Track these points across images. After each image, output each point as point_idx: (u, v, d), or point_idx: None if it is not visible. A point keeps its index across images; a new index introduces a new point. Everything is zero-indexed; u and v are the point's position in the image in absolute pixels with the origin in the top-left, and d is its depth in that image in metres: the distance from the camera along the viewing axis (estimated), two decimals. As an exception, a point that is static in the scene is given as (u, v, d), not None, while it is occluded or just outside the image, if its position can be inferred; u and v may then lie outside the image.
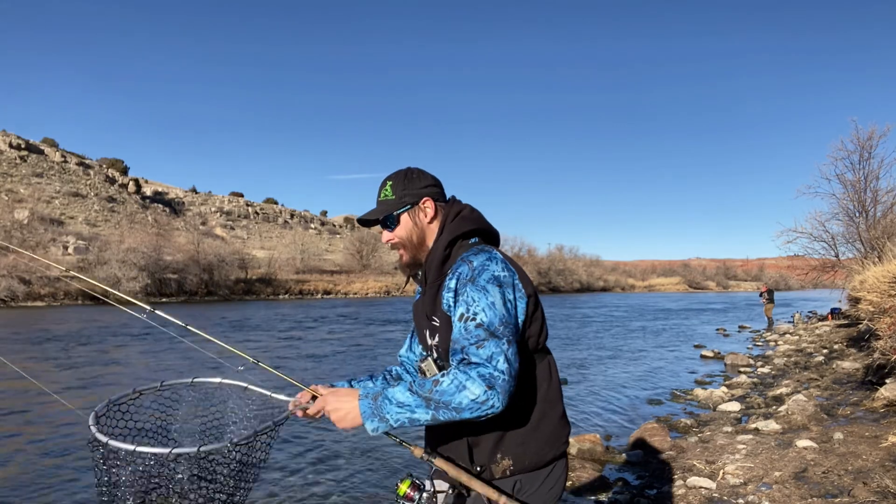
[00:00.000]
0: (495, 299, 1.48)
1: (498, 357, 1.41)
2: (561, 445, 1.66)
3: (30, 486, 4.78)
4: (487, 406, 1.38)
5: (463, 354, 1.43)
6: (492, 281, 1.51)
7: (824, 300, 28.27)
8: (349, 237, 79.84)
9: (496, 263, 1.55)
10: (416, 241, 1.69)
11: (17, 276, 33.05)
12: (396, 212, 1.67)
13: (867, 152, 18.43)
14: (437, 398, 1.39)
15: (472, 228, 1.66)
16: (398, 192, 1.68)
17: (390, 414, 1.43)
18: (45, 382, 9.27)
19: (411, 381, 1.45)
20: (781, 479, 4.16)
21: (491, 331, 1.44)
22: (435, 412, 1.40)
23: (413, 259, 1.70)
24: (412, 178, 1.69)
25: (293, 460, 5.54)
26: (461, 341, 1.45)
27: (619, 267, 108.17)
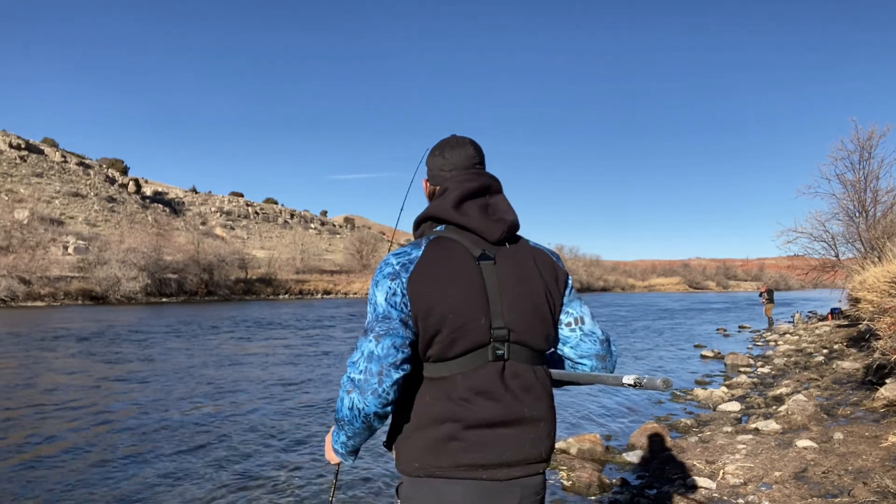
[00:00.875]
0: (378, 294, 1.43)
1: (360, 357, 1.37)
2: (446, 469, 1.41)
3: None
4: (356, 411, 1.38)
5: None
6: (388, 276, 1.44)
7: (824, 300, 28.29)
8: (349, 237, 79.84)
9: (400, 257, 1.47)
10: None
11: (17, 276, 33.04)
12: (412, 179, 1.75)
13: (867, 152, 18.45)
14: (337, 417, 1.45)
15: (430, 215, 1.59)
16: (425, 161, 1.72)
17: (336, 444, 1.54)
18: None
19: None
20: (781, 479, 4.16)
21: (365, 328, 1.42)
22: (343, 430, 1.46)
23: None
24: (429, 153, 1.70)
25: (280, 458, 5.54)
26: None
27: (619, 267, 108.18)
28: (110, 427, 6.69)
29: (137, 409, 7.63)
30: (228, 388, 9.05)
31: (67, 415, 7.23)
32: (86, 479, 4.97)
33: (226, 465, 5.37)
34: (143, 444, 5.99)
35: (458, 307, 1.43)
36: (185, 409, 7.59)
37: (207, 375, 10.21)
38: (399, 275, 1.43)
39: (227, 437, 6.31)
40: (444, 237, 1.53)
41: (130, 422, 6.94)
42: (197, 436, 6.33)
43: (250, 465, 5.36)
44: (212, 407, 7.76)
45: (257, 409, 7.68)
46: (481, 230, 1.53)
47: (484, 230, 1.53)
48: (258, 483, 4.91)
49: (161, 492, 4.69)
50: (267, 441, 6.16)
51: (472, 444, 1.42)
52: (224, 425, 6.80)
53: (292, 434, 6.45)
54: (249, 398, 8.34)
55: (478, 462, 1.42)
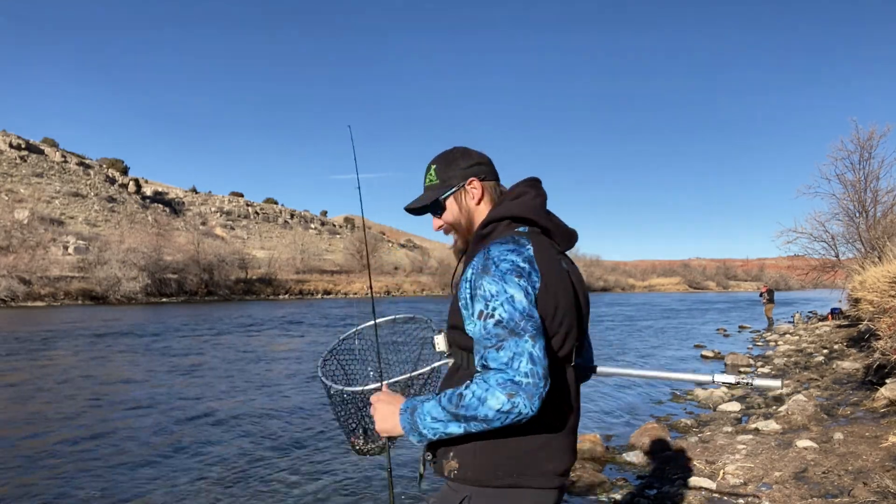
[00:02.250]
0: (515, 292, 1.34)
1: (520, 358, 1.29)
2: (530, 477, 1.42)
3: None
4: (515, 414, 1.28)
5: (482, 360, 1.33)
6: (511, 271, 1.36)
7: (824, 300, 28.30)
8: (349, 237, 79.90)
9: (519, 255, 1.40)
10: (465, 224, 1.60)
11: (18, 276, 33.05)
12: (442, 196, 1.59)
13: (867, 152, 18.44)
14: (463, 413, 1.31)
15: (514, 214, 1.51)
16: (442, 174, 1.59)
17: (426, 429, 1.37)
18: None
19: (441, 395, 1.37)
20: (781, 480, 4.16)
21: (510, 328, 1.31)
22: (466, 425, 1.33)
23: (465, 244, 1.62)
24: (456, 159, 1.60)
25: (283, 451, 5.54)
26: (481, 343, 1.35)
27: (619, 267, 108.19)
28: (110, 428, 6.69)
29: (137, 409, 7.63)
30: (229, 389, 9.05)
31: (67, 415, 7.23)
32: (86, 478, 4.97)
33: (225, 465, 5.37)
34: (143, 445, 5.99)
35: (569, 310, 1.47)
36: (184, 410, 7.59)
37: (207, 375, 10.21)
38: (529, 273, 1.39)
39: (226, 437, 6.31)
40: (542, 238, 1.52)
41: (130, 422, 6.94)
42: (196, 436, 6.33)
43: (252, 467, 5.36)
44: (211, 406, 7.75)
45: (258, 409, 7.68)
46: (559, 237, 1.58)
47: (561, 238, 1.59)
48: (259, 484, 4.91)
49: (160, 492, 4.69)
50: (268, 442, 6.16)
51: (556, 452, 1.45)
52: (224, 425, 6.80)
53: (294, 434, 6.44)
54: (250, 398, 8.34)
55: (558, 470, 1.45)
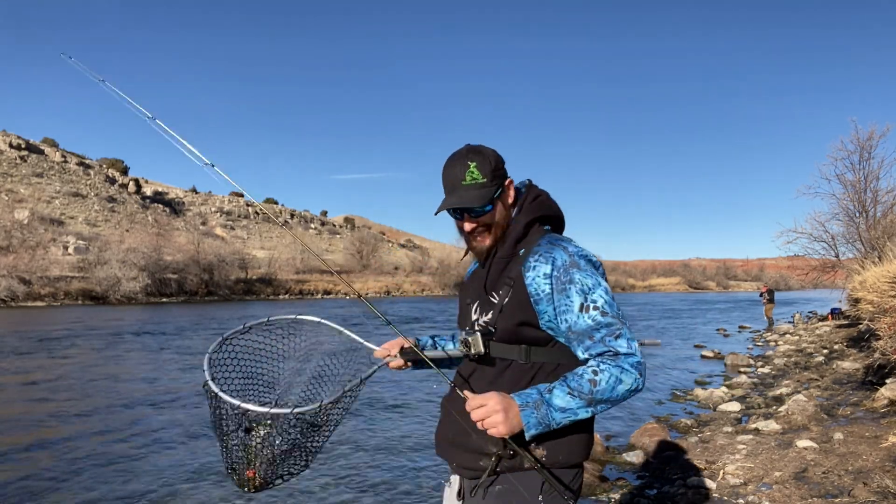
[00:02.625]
0: (605, 284, 1.49)
1: (633, 342, 1.45)
2: (588, 450, 1.58)
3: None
4: (637, 391, 1.45)
5: (604, 346, 1.44)
6: (596, 266, 1.52)
7: (824, 300, 28.28)
8: (349, 237, 79.87)
9: (585, 251, 1.54)
10: (503, 224, 1.59)
11: (18, 276, 33.04)
12: (495, 195, 1.56)
13: (867, 152, 18.44)
14: (598, 397, 1.41)
15: (550, 214, 1.64)
16: (487, 173, 1.55)
17: (555, 420, 1.42)
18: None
19: (568, 385, 1.42)
20: (781, 480, 4.16)
21: (617, 316, 1.45)
22: (594, 408, 1.43)
23: (495, 242, 1.60)
24: (490, 158, 1.58)
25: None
26: (594, 332, 1.44)
27: (619, 267, 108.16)
28: (109, 428, 6.69)
29: (137, 409, 7.63)
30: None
31: (67, 416, 7.23)
32: (85, 479, 4.97)
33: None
34: (143, 445, 5.99)
35: None
36: (183, 409, 7.59)
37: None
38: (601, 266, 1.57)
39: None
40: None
41: (130, 422, 6.94)
42: (195, 436, 6.33)
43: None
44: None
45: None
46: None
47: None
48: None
49: (160, 493, 4.69)
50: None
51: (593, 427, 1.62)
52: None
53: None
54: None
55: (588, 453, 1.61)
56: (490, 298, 1.57)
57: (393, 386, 8.94)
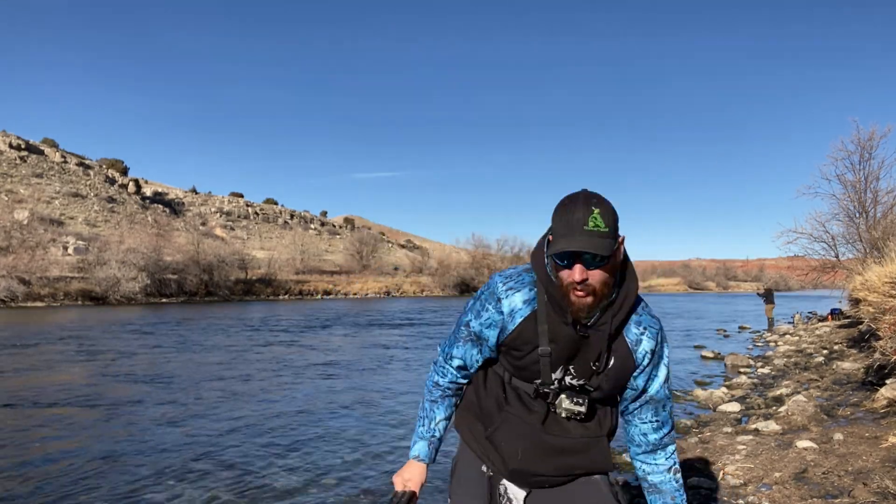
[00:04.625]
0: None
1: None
2: None
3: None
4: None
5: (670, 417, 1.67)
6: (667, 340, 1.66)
7: (824, 300, 28.27)
8: (349, 237, 79.86)
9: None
10: (610, 283, 1.44)
11: (17, 277, 33.03)
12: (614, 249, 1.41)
13: (867, 153, 18.43)
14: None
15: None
16: (611, 223, 1.40)
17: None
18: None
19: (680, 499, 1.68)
20: (781, 480, 4.15)
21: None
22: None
23: (601, 302, 1.44)
24: (613, 210, 1.44)
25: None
26: (668, 401, 1.66)
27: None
28: (109, 428, 6.68)
29: (136, 409, 7.62)
30: (229, 389, 9.04)
31: (66, 416, 7.22)
32: (85, 479, 4.96)
33: (224, 466, 5.36)
34: (143, 445, 5.98)
35: None
36: (183, 409, 7.58)
37: (205, 376, 10.21)
38: None
39: (227, 438, 6.30)
40: None
41: (129, 423, 6.93)
42: (195, 437, 6.32)
43: (252, 468, 5.36)
44: (210, 407, 7.75)
45: (258, 410, 7.67)
46: None
47: None
48: (258, 487, 4.90)
49: (158, 494, 4.68)
50: (269, 444, 6.15)
51: None
52: (223, 426, 6.79)
53: (294, 437, 6.44)
54: (250, 399, 8.33)
55: None
56: (595, 365, 1.52)
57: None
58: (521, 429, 1.61)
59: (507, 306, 1.55)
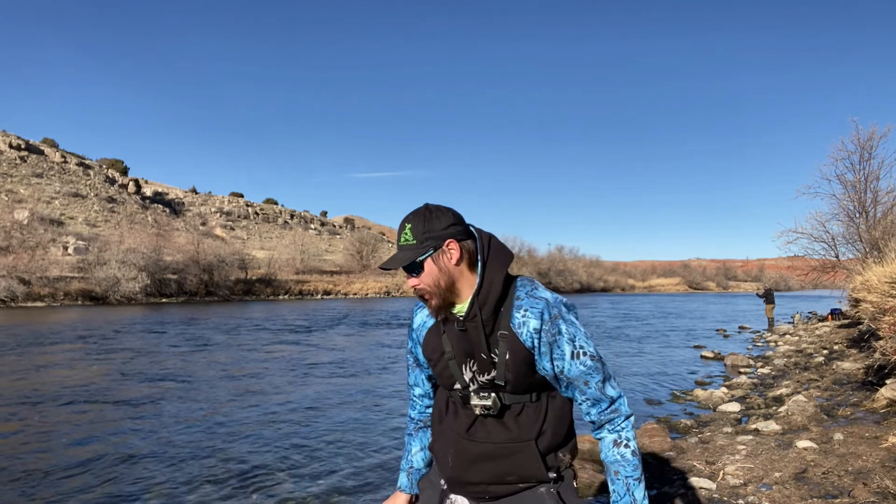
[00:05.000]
0: (582, 327, 1.60)
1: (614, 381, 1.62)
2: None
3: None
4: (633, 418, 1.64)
5: (599, 391, 1.59)
6: (570, 309, 1.61)
7: (824, 300, 28.28)
8: (349, 237, 79.82)
9: (556, 295, 1.62)
10: (445, 285, 1.59)
11: (17, 277, 33.02)
12: (420, 258, 1.57)
13: (867, 153, 18.46)
14: (640, 458, 1.61)
15: (510, 260, 1.65)
16: (419, 235, 1.56)
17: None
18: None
19: (630, 478, 1.58)
20: (781, 480, 4.15)
21: (600, 358, 1.59)
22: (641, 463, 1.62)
23: (443, 303, 1.61)
24: (432, 219, 1.57)
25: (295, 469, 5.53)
26: (586, 377, 1.57)
27: (619, 267, 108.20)
28: (108, 429, 6.68)
29: (135, 411, 7.62)
30: (241, 387, 9.05)
31: (65, 416, 7.22)
32: (83, 480, 4.96)
33: (224, 467, 5.36)
34: (142, 446, 5.98)
35: None
36: (182, 411, 7.58)
37: (205, 376, 10.21)
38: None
39: (224, 439, 6.30)
40: None
41: (129, 423, 6.93)
42: (195, 437, 6.32)
43: (252, 469, 5.36)
44: (210, 407, 7.75)
45: (259, 411, 7.67)
46: None
47: None
48: (258, 489, 4.91)
49: (160, 493, 4.68)
50: (267, 445, 6.16)
51: None
52: (222, 427, 6.79)
53: (294, 438, 6.44)
54: (250, 400, 8.33)
55: None
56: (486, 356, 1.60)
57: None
58: (449, 437, 1.71)
59: (416, 322, 1.78)
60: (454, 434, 1.69)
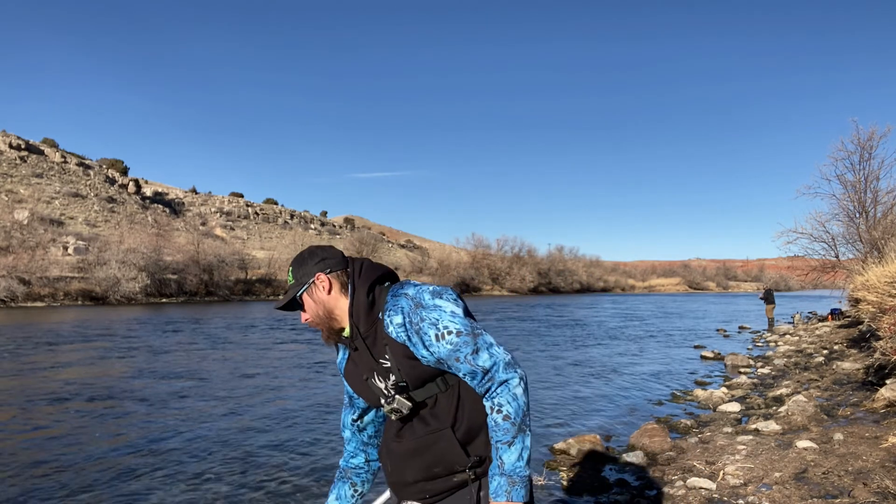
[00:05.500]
0: (449, 307, 1.65)
1: (494, 346, 1.63)
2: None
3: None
4: (526, 382, 1.64)
5: (471, 368, 1.61)
6: (435, 295, 1.67)
7: (824, 300, 28.28)
8: (349, 237, 79.82)
9: (424, 286, 1.71)
10: (324, 314, 1.75)
11: (17, 277, 33.02)
12: (297, 294, 1.76)
13: (867, 153, 18.48)
14: (519, 421, 1.59)
15: (384, 273, 1.77)
16: (297, 275, 1.76)
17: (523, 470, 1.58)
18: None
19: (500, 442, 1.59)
20: (781, 480, 4.15)
21: (469, 332, 1.61)
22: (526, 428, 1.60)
23: (330, 330, 1.77)
24: (304, 260, 1.77)
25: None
26: (457, 352, 1.60)
27: (619, 267, 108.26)
28: (108, 430, 6.68)
29: (135, 411, 7.62)
30: (228, 389, 9.05)
31: (65, 417, 7.22)
32: (83, 480, 4.96)
33: (224, 468, 5.36)
34: (142, 447, 5.98)
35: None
36: (182, 412, 7.58)
37: (205, 376, 10.21)
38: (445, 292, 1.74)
39: (225, 439, 6.30)
40: None
41: (129, 423, 6.93)
42: (194, 438, 6.32)
43: (252, 469, 5.36)
44: (210, 407, 7.75)
45: (256, 412, 7.67)
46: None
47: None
48: (256, 489, 4.91)
49: (159, 493, 4.68)
50: (268, 445, 6.16)
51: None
52: (225, 427, 6.79)
53: (294, 440, 6.44)
54: (265, 396, 8.33)
55: None
56: (382, 365, 1.71)
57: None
58: (384, 445, 1.87)
59: (337, 361, 1.92)
60: (386, 440, 1.84)
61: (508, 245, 76.26)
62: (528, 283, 71.14)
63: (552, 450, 5.68)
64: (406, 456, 1.75)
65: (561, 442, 5.76)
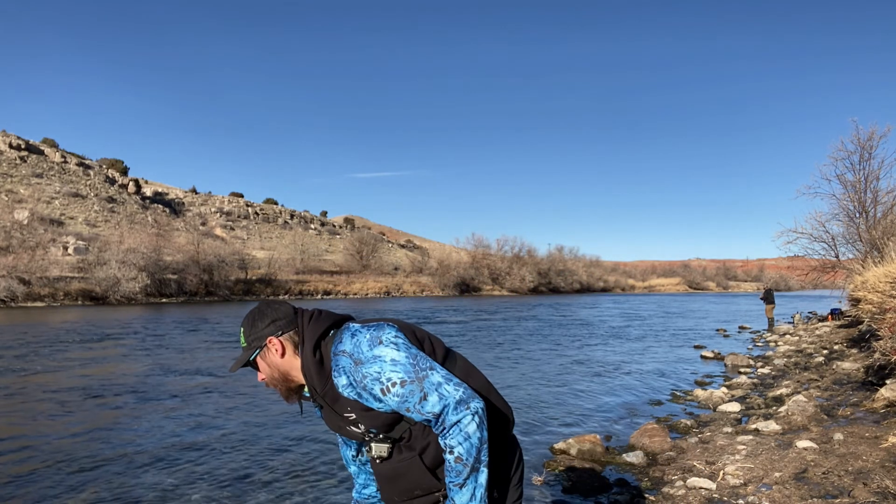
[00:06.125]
0: (389, 355, 1.61)
1: (443, 386, 1.59)
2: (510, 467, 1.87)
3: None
4: (481, 414, 1.59)
5: (425, 417, 1.60)
6: (373, 344, 1.63)
7: (824, 300, 28.28)
8: (349, 237, 79.83)
9: (361, 334, 1.67)
10: (279, 377, 1.76)
11: (17, 277, 33.02)
12: (251, 358, 1.76)
13: (867, 153, 18.48)
14: (473, 460, 1.57)
15: (325, 326, 1.74)
16: (248, 338, 1.76)
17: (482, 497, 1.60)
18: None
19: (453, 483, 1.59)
20: (781, 480, 4.15)
21: (413, 378, 1.58)
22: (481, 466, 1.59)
23: (289, 390, 1.79)
24: (255, 322, 1.76)
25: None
26: (406, 403, 1.60)
27: (619, 267, 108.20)
28: (107, 431, 6.68)
29: (135, 412, 7.62)
30: (228, 389, 9.05)
31: (64, 418, 7.22)
32: (82, 481, 4.96)
33: (223, 469, 5.36)
34: (142, 447, 5.98)
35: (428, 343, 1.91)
36: (182, 412, 7.58)
37: (205, 376, 10.21)
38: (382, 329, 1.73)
39: (224, 439, 6.30)
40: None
41: (128, 425, 6.93)
42: (194, 439, 6.32)
43: (252, 471, 5.36)
44: (210, 408, 7.75)
45: (255, 411, 7.67)
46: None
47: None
48: (255, 489, 4.91)
49: (158, 493, 4.68)
50: (267, 446, 6.16)
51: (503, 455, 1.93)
52: (221, 427, 6.79)
53: (293, 439, 6.44)
54: (250, 401, 8.33)
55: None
56: (349, 417, 1.74)
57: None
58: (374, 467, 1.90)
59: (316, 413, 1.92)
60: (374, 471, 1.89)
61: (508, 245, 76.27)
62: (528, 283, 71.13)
63: (552, 450, 5.67)
64: (390, 479, 1.81)
65: (561, 442, 5.76)
